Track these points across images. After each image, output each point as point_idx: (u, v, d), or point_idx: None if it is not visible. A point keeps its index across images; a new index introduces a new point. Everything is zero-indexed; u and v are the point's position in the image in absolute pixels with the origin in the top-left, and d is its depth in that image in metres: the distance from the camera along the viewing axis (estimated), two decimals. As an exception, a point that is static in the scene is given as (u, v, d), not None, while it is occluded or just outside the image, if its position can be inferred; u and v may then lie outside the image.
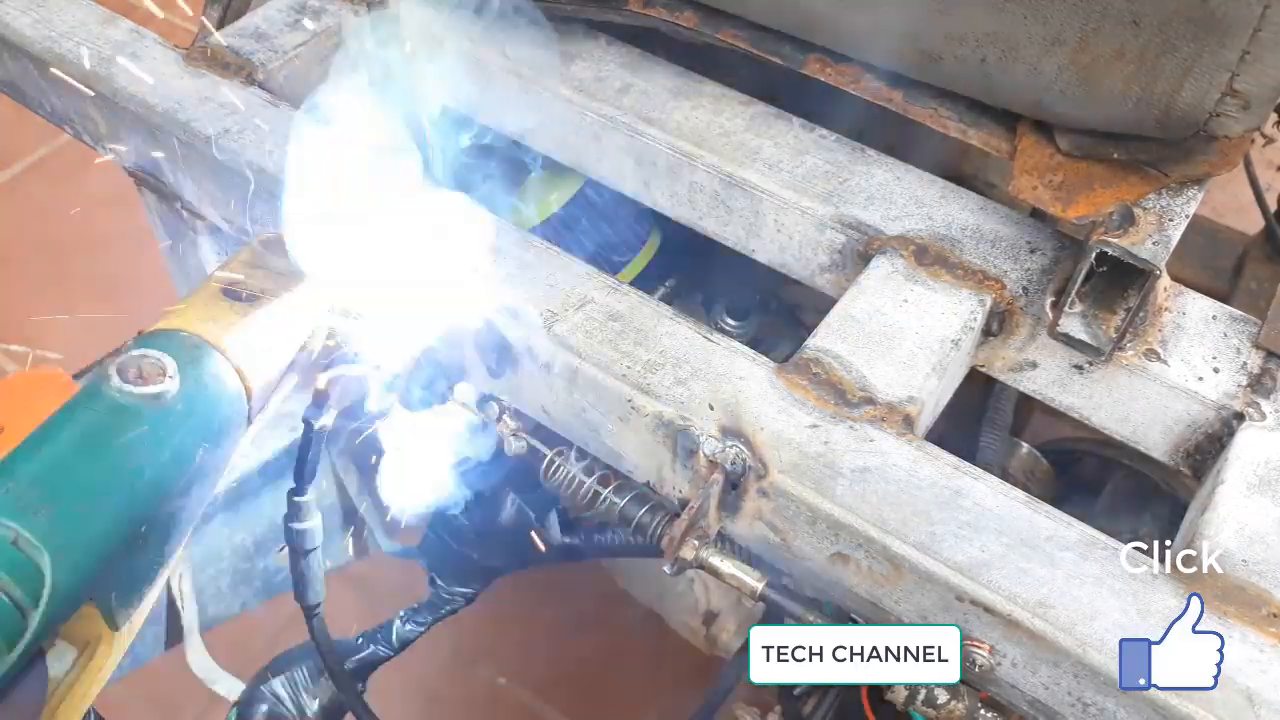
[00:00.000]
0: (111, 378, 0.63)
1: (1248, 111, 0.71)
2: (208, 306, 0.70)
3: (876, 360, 0.76)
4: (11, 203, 2.88)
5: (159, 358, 0.65)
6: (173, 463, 0.64)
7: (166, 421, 0.64)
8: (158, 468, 0.63)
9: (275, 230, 0.76)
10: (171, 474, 0.64)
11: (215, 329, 0.69)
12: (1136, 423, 0.81)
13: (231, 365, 0.68)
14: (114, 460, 0.61)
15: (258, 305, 0.72)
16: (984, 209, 0.87)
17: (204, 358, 0.67)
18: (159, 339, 0.67)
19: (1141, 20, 0.69)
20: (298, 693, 1.18)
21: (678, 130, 0.93)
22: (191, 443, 0.65)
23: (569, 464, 0.83)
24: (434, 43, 1.03)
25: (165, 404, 0.64)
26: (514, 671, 2.07)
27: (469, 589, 1.23)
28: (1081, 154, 0.79)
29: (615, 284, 0.81)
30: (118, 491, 0.61)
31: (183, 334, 0.68)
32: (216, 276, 0.73)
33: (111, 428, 0.62)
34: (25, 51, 0.99)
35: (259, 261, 0.76)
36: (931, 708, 0.67)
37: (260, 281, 0.74)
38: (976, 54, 0.77)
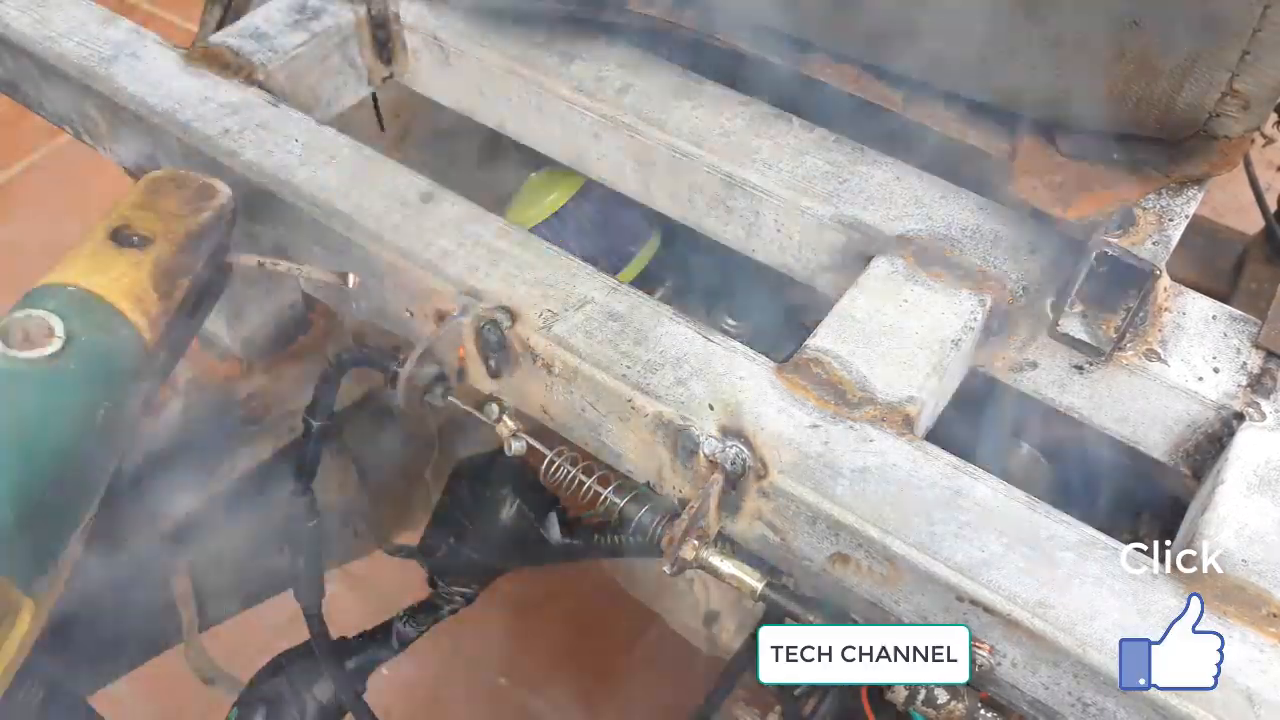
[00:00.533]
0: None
1: (1248, 112, 0.71)
2: (96, 256, 0.66)
3: (876, 360, 0.76)
4: (11, 203, 2.88)
5: (44, 317, 0.61)
6: (71, 426, 0.60)
7: (59, 384, 0.60)
8: (55, 433, 0.59)
9: (163, 169, 0.73)
10: (71, 437, 0.60)
11: (104, 280, 0.64)
12: (1136, 423, 0.81)
13: (125, 318, 0.64)
14: (5, 430, 0.58)
15: (149, 250, 0.68)
16: (984, 209, 0.87)
17: (93, 311, 0.63)
18: (44, 296, 0.63)
19: (1141, 20, 0.69)
20: (298, 693, 1.18)
21: (678, 130, 0.93)
22: (89, 403, 0.61)
23: (569, 464, 0.83)
24: (434, 43, 1.03)
25: (56, 366, 0.60)
26: (514, 671, 2.08)
27: (469, 589, 1.23)
28: (1081, 154, 0.79)
29: (615, 284, 0.81)
30: (13, 461, 0.58)
31: (69, 288, 0.64)
32: (103, 222, 0.69)
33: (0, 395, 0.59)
34: (25, 51, 0.99)
35: (148, 204, 0.71)
36: (931, 708, 0.67)
37: (150, 224, 0.70)
38: (976, 54, 0.77)
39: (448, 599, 1.23)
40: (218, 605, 1.21)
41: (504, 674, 2.07)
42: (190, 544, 1.12)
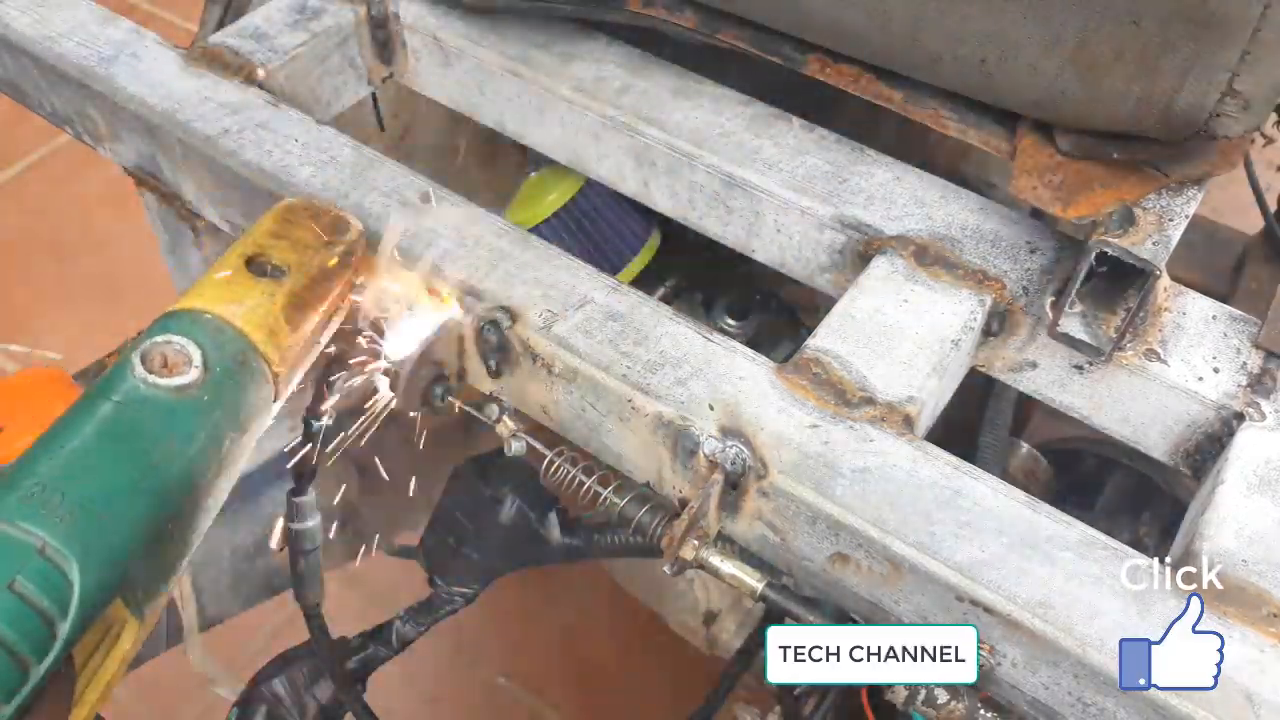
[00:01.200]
0: (134, 367, 0.60)
1: (1248, 112, 0.71)
2: (231, 284, 0.66)
3: (876, 360, 0.76)
4: (11, 203, 2.88)
5: (183, 345, 0.61)
6: (200, 455, 0.60)
7: (193, 413, 0.60)
8: (185, 461, 0.59)
9: (300, 197, 0.73)
10: (199, 467, 0.60)
11: (240, 310, 0.64)
12: (1136, 423, 0.81)
13: (258, 350, 0.64)
14: (140, 457, 0.58)
15: (283, 282, 0.67)
16: (984, 209, 0.87)
17: (228, 341, 0.63)
18: (182, 321, 0.63)
19: (1141, 20, 0.69)
20: (298, 693, 1.18)
21: (678, 130, 0.93)
22: (219, 434, 0.61)
23: (569, 464, 0.83)
24: (434, 43, 1.03)
25: (191, 394, 0.60)
26: (514, 671, 2.08)
27: (469, 589, 1.23)
28: (1081, 154, 0.79)
29: (615, 284, 0.81)
30: (145, 490, 0.58)
31: (206, 316, 0.63)
32: (237, 248, 0.69)
33: (136, 422, 0.58)
34: (25, 51, 0.99)
35: (282, 232, 0.71)
36: (931, 708, 0.67)
37: (284, 254, 0.69)
38: (976, 54, 0.77)
39: (448, 599, 1.23)
40: (218, 605, 1.21)
41: (504, 674, 2.07)
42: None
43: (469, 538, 1.19)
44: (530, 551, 1.19)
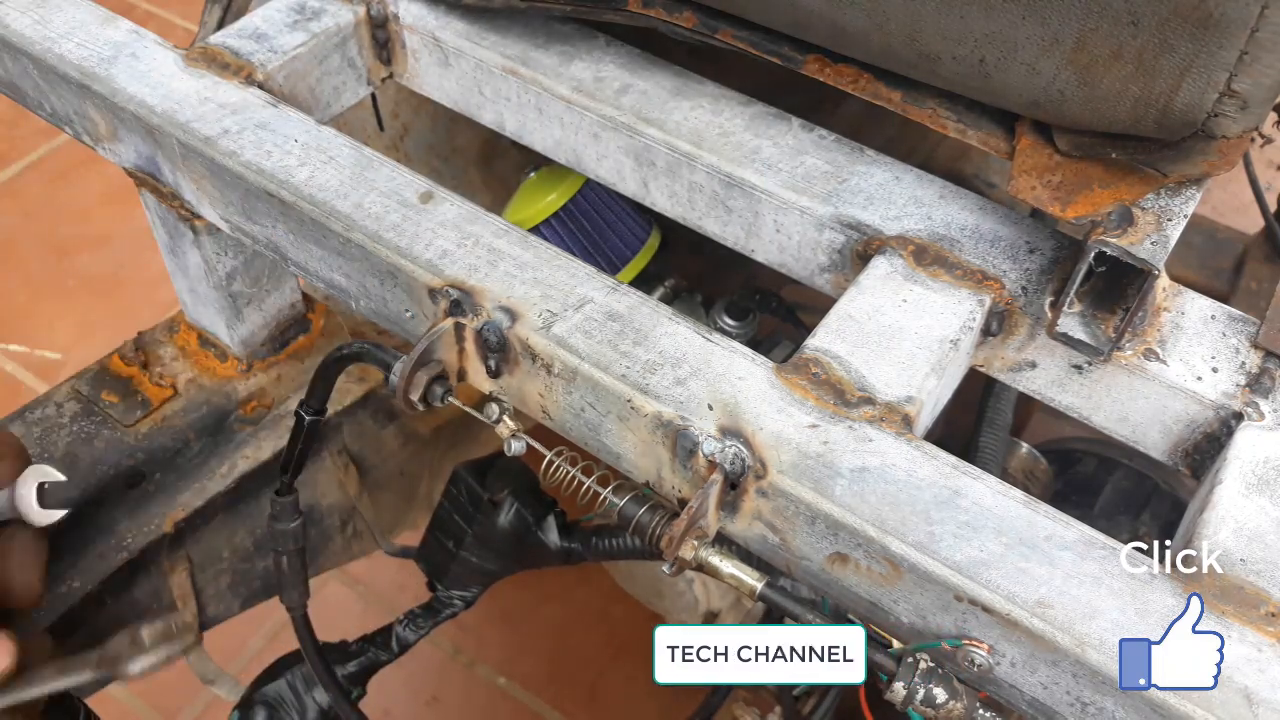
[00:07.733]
0: None
1: (1246, 111, 0.71)
2: None
3: (876, 360, 0.76)
4: (11, 203, 2.88)
5: None
6: None
7: None
8: None
9: None
10: None
11: None
12: (1135, 422, 0.81)
13: None
14: None
15: None
16: (984, 209, 0.87)
17: None
18: None
19: (1140, 20, 0.69)
20: (298, 695, 1.18)
21: (677, 130, 0.93)
22: None
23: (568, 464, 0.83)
24: (433, 43, 1.03)
25: None
26: (514, 671, 2.08)
27: (468, 592, 1.23)
28: (1080, 154, 0.79)
29: (615, 284, 0.81)
30: None
31: None
32: None
33: None
34: (25, 52, 0.99)
35: None
36: (930, 708, 0.67)
37: None
38: (975, 54, 0.77)
39: (447, 603, 1.23)
40: (218, 605, 1.21)
41: (504, 674, 2.07)
42: (189, 544, 1.12)
43: (467, 542, 1.19)
44: (529, 555, 1.19)
